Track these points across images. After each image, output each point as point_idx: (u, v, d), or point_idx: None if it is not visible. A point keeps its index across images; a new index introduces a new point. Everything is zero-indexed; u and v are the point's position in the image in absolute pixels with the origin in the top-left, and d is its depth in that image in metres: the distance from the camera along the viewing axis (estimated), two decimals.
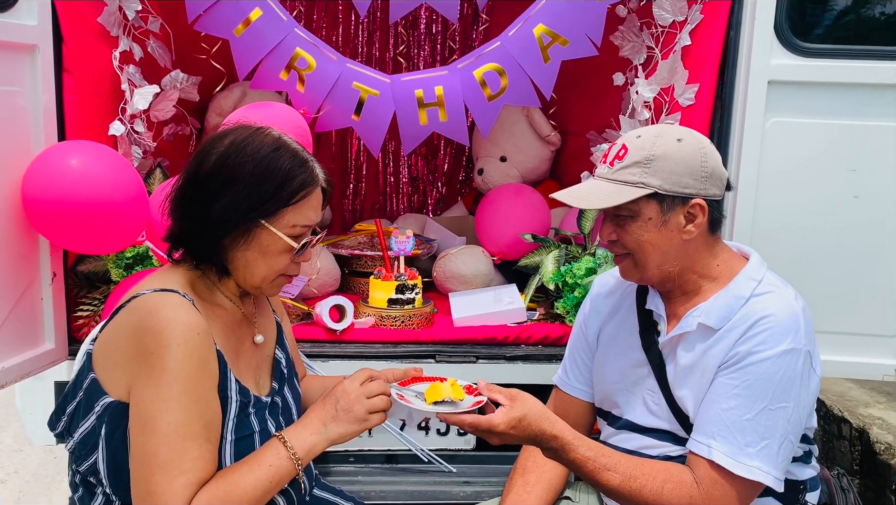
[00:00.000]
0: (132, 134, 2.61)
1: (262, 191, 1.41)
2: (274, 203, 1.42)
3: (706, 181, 1.55)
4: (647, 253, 1.57)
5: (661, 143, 1.54)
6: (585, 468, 1.50)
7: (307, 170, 1.46)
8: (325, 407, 1.47)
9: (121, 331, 1.39)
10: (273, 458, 1.41)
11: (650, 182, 1.52)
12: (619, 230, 1.59)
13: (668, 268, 1.59)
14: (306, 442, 1.44)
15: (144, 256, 2.51)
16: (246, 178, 1.40)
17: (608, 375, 1.76)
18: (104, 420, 1.39)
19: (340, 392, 1.46)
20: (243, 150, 1.42)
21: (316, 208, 1.49)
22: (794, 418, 1.50)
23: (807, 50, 2.47)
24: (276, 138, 1.47)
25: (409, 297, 2.70)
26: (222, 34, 2.68)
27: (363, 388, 1.47)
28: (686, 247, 1.58)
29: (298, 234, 1.47)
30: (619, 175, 1.55)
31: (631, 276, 1.65)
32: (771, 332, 1.49)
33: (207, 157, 1.43)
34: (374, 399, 1.47)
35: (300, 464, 1.42)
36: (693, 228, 1.56)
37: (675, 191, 1.53)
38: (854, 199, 2.54)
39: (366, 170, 4.11)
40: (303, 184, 1.44)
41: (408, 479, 2.53)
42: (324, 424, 1.45)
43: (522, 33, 2.67)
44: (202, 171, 1.43)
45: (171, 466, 1.30)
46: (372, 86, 2.72)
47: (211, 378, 1.39)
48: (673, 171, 1.53)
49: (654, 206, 1.54)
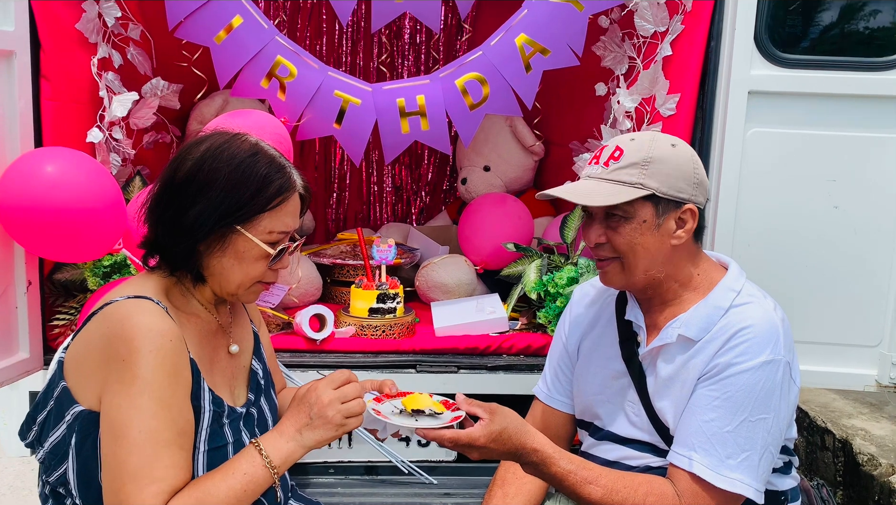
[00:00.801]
0: (110, 141, 2.59)
1: (238, 196, 1.39)
2: (250, 209, 1.40)
3: (697, 188, 1.55)
4: (637, 256, 1.55)
5: (657, 146, 1.54)
6: (567, 482, 1.48)
7: (284, 175, 1.44)
8: (299, 413, 1.43)
9: (92, 338, 1.36)
10: (248, 466, 1.37)
11: (648, 184, 1.51)
12: (609, 232, 1.56)
13: (654, 273, 1.58)
14: (282, 450, 1.40)
15: (122, 264, 2.49)
16: (221, 183, 1.38)
17: (589, 386, 1.75)
18: (75, 429, 1.37)
19: (314, 398, 1.42)
20: (219, 156, 1.40)
21: (293, 215, 1.47)
22: (774, 429, 1.49)
23: (786, 61, 2.49)
24: (252, 144, 1.45)
25: (390, 306, 2.68)
26: (203, 41, 2.66)
27: (338, 392, 1.42)
28: (673, 253, 1.57)
29: (275, 241, 1.45)
30: (615, 175, 1.54)
31: (615, 281, 1.62)
32: (750, 343, 1.49)
33: (183, 163, 1.41)
34: (350, 403, 1.42)
35: (276, 472, 1.39)
36: (683, 234, 1.55)
37: (671, 195, 1.53)
38: (834, 209, 2.55)
39: (349, 179, 4.10)
40: (280, 189, 1.42)
41: (388, 490, 2.51)
42: (299, 431, 1.41)
43: (504, 43, 2.67)
44: (177, 177, 1.41)
45: (142, 474, 1.28)
46: (353, 94, 2.71)
47: (184, 386, 1.36)
48: (669, 174, 1.52)
49: (650, 209, 1.53)
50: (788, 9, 2.59)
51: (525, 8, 2.67)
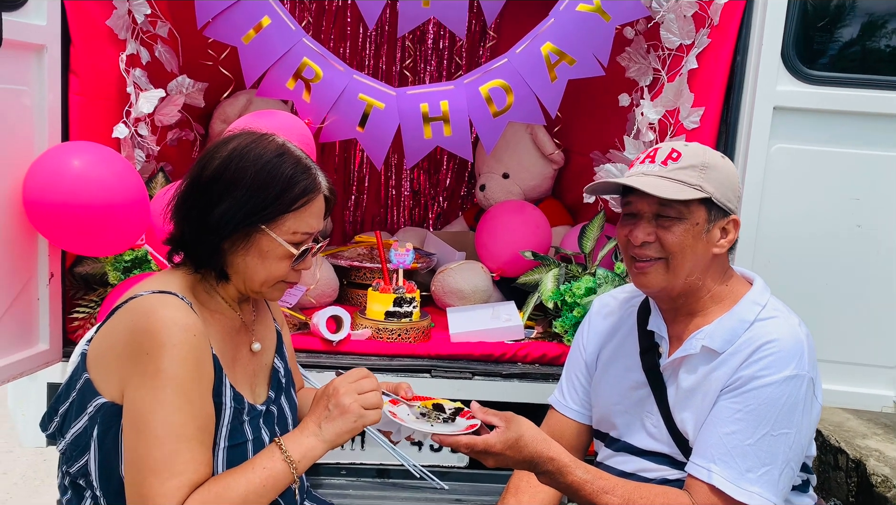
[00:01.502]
0: (136, 137, 2.61)
1: (264, 196, 1.40)
2: (275, 209, 1.41)
3: (739, 202, 1.59)
4: (685, 258, 1.55)
5: (711, 155, 1.57)
6: (583, 492, 1.47)
7: (309, 177, 1.45)
8: (318, 408, 1.44)
9: (117, 331, 1.38)
10: (267, 460, 1.38)
11: (706, 187, 1.53)
12: (660, 231, 1.56)
13: (694, 280, 1.58)
14: (302, 445, 1.41)
15: (143, 259, 2.50)
16: (247, 182, 1.40)
17: (607, 396, 1.75)
18: (97, 421, 1.38)
19: (332, 390, 1.43)
20: (246, 156, 1.42)
21: (318, 216, 1.48)
22: (796, 445, 1.49)
23: (813, 77, 2.48)
24: (279, 145, 1.47)
25: (406, 310, 2.68)
26: (231, 41, 2.68)
27: (354, 384, 1.43)
28: (712, 262, 1.58)
29: (299, 241, 1.46)
30: (676, 174, 1.54)
31: (656, 281, 1.59)
32: (775, 357, 1.49)
33: (210, 162, 1.43)
34: (367, 395, 1.43)
35: (295, 468, 1.39)
36: (725, 244, 1.57)
37: (723, 202, 1.55)
38: (857, 228, 2.53)
39: (368, 182, 4.12)
40: (304, 190, 1.44)
41: (399, 494, 2.50)
42: (318, 425, 1.42)
43: (530, 51, 2.68)
44: (204, 176, 1.42)
45: (163, 468, 1.29)
46: (378, 98, 2.72)
47: (206, 381, 1.38)
48: (723, 182, 1.55)
49: (703, 213, 1.54)
50: (816, 25, 2.57)
51: (552, 17, 2.68)
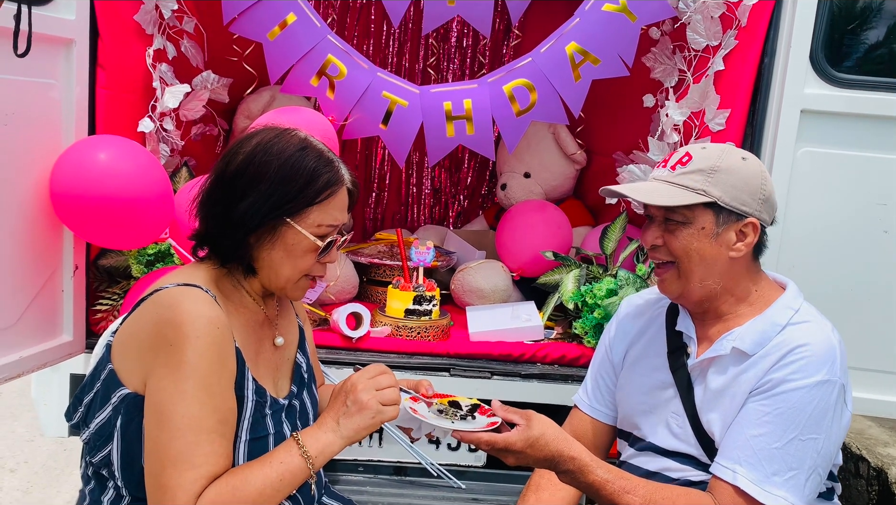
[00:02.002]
0: (161, 132, 2.63)
1: (288, 189, 1.42)
2: (299, 202, 1.43)
3: (762, 204, 1.55)
4: (693, 262, 1.55)
5: (727, 157, 1.55)
6: (604, 491, 1.47)
7: (333, 169, 1.46)
8: (336, 403, 1.45)
9: (142, 322, 1.39)
10: (284, 455, 1.39)
11: (711, 191, 1.52)
12: (667, 235, 1.57)
13: (711, 284, 1.57)
14: (320, 440, 1.41)
15: (166, 253, 2.52)
16: (271, 176, 1.41)
17: (632, 395, 1.75)
18: (120, 411, 1.40)
19: (350, 385, 1.44)
20: (269, 150, 1.43)
21: (342, 208, 1.49)
22: (824, 452, 1.48)
23: (841, 80, 2.45)
24: (302, 139, 1.48)
25: (426, 308, 2.68)
26: (256, 37, 2.69)
27: (372, 380, 1.44)
28: (731, 266, 1.57)
29: (324, 234, 1.47)
30: (680, 179, 1.55)
31: (671, 288, 1.61)
32: (807, 361, 1.48)
33: (234, 158, 1.45)
34: (386, 391, 1.43)
35: (312, 463, 1.40)
36: (743, 247, 1.55)
37: (733, 206, 1.53)
38: (884, 233, 2.50)
39: (389, 179, 4.12)
40: (328, 183, 1.45)
41: (416, 492, 2.51)
42: (336, 421, 1.43)
43: (554, 50, 2.67)
44: (229, 171, 1.44)
45: (182, 459, 1.30)
46: (401, 96, 2.72)
47: (228, 374, 1.39)
48: (734, 185, 1.53)
49: (710, 217, 1.54)
50: (845, 28, 2.54)
51: (577, 16, 2.66)
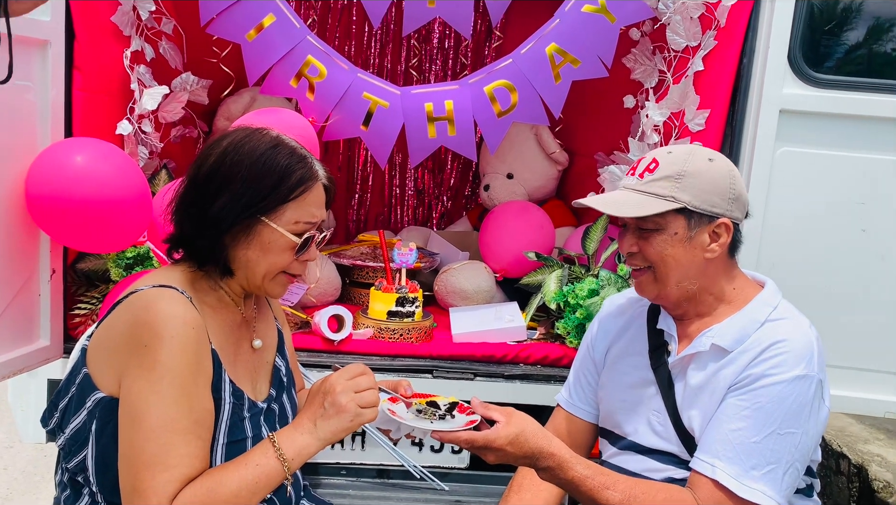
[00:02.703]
0: (139, 134, 2.60)
1: (261, 187, 1.40)
2: (273, 199, 1.41)
3: (732, 203, 1.56)
4: (668, 267, 1.57)
5: (693, 160, 1.55)
6: (584, 487, 1.47)
7: (306, 166, 1.45)
8: (313, 405, 1.42)
9: (116, 325, 1.37)
10: (260, 457, 1.37)
11: (680, 197, 1.53)
12: (641, 242, 1.58)
13: (687, 286, 1.58)
14: (296, 442, 1.39)
15: (145, 256, 2.50)
16: (244, 175, 1.40)
17: (613, 393, 1.75)
18: (95, 416, 1.38)
19: (328, 387, 1.41)
20: (241, 150, 1.42)
21: (318, 205, 1.48)
22: (802, 446, 1.48)
23: (819, 81, 2.47)
24: (273, 137, 1.47)
25: (409, 310, 2.67)
26: (234, 38, 2.68)
27: (351, 382, 1.41)
28: (707, 266, 1.58)
29: (301, 231, 1.46)
30: (649, 187, 1.55)
31: (649, 291, 1.63)
32: (785, 356, 1.49)
33: (206, 160, 1.44)
34: (364, 393, 1.41)
35: (288, 466, 1.37)
36: (717, 248, 1.56)
37: (704, 209, 1.54)
38: (861, 232, 2.52)
39: (371, 181, 4.10)
40: (301, 179, 1.43)
41: (399, 495, 2.50)
42: (313, 423, 1.40)
43: (535, 51, 2.67)
44: (201, 173, 1.43)
45: (156, 461, 1.28)
46: (382, 97, 2.72)
47: (204, 375, 1.37)
48: (703, 188, 1.53)
49: (682, 222, 1.54)
50: (823, 28, 2.56)
51: (557, 17, 2.67)
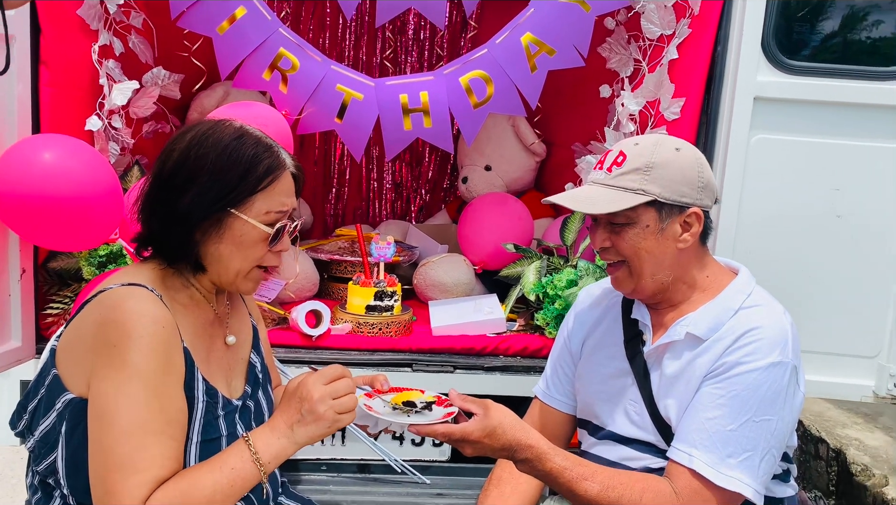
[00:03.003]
0: (109, 130, 2.56)
1: (228, 179, 1.37)
2: (242, 190, 1.38)
3: (701, 191, 1.55)
4: (642, 260, 1.56)
5: (660, 150, 1.54)
6: (562, 478, 1.46)
7: (272, 154, 1.42)
8: (290, 409, 1.39)
9: (85, 325, 1.35)
10: (236, 460, 1.34)
11: (650, 189, 1.51)
12: (613, 237, 1.57)
13: (662, 277, 1.58)
14: (273, 446, 1.37)
15: (118, 254, 2.46)
16: (209, 168, 1.37)
17: (590, 384, 1.74)
18: (65, 417, 1.35)
19: (305, 393, 1.37)
20: (205, 143, 1.39)
21: (288, 193, 1.45)
22: (778, 432, 1.49)
23: (793, 67, 2.48)
24: (237, 128, 1.44)
25: (387, 304, 2.66)
26: (205, 31, 2.64)
27: (329, 388, 1.38)
28: (679, 256, 1.57)
29: (273, 221, 1.43)
30: (617, 181, 1.54)
31: (625, 286, 1.62)
32: (759, 344, 1.48)
33: (170, 155, 1.40)
34: (342, 400, 1.38)
35: (264, 470, 1.35)
36: (689, 237, 1.55)
37: (674, 199, 1.52)
38: (837, 218, 2.54)
39: (349, 174, 4.07)
40: (269, 169, 1.40)
41: (380, 489, 2.49)
42: (290, 428, 1.38)
43: (510, 41, 2.65)
44: (166, 169, 1.40)
45: (127, 463, 1.26)
46: (356, 89, 2.69)
47: (176, 374, 1.34)
48: (672, 179, 1.52)
49: (653, 214, 1.53)
50: (796, 16, 2.57)
51: (531, 7, 2.65)
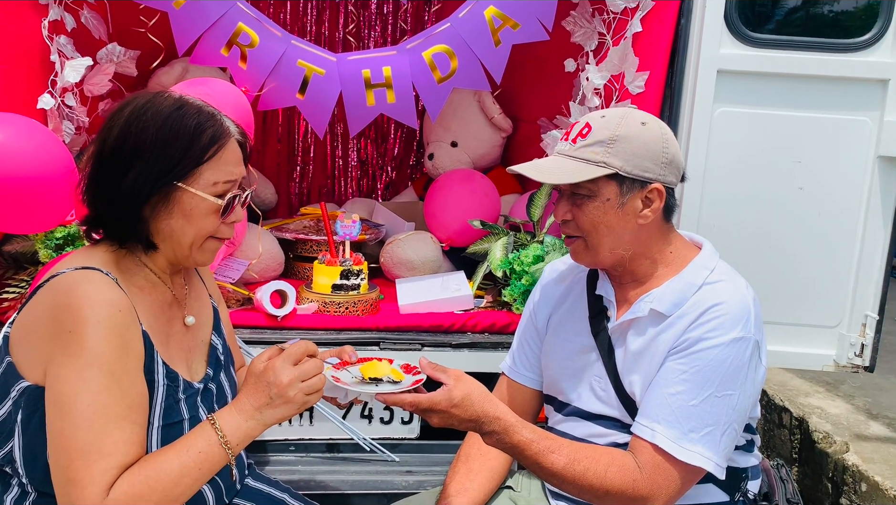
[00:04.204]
0: (63, 108, 2.48)
1: (171, 152, 1.34)
2: (187, 162, 1.35)
3: (665, 167, 1.54)
4: (601, 235, 1.55)
5: (626, 124, 1.53)
6: (529, 451, 1.47)
7: (216, 123, 1.39)
8: (257, 392, 1.36)
9: (38, 311, 1.32)
10: (203, 443, 1.32)
11: (612, 162, 1.51)
12: (574, 209, 1.57)
13: (621, 252, 1.58)
14: (240, 428, 1.34)
15: (75, 236, 2.40)
16: (151, 142, 1.34)
17: (555, 360, 1.75)
18: (20, 405, 1.32)
19: (272, 377, 1.34)
20: (144, 116, 1.36)
21: (236, 162, 1.42)
22: (739, 406, 1.50)
23: (756, 40, 2.48)
24: (176, 98, 1.40)
25: (353, 283, 2.63)
26: (161, 6, 2.56)
27: (298, 371, 1.35)
28: (640, 232, 1.57)
29: (223, 192, 1.40)
30: (580, 153, 1.53)
31: (582, 258, 1.63)
32: (722, 319, 1.49)
33: (109, 132, 1.36)
34: (311, 381, 1.36)
35: (231, 452, 1.33)
36: (650, 213, 1.55)
37: (636, 174, 1.52)
38: (799, 190, 2.56)
39: (313, 152, 4.02)
40: (213, 138, 1.37)
41: (349, 468, 2.48)
42: (258, 410, 1.35)
43: (473, 15, 2.62)
44: (107, 147, 1.36)
45: (90, 450, 1.23)
46: (317, 64, 2.64)
47: (135, 358, 1.32)
48: (635, 153, 1.52)
49: (614, 188, 1.53)
50: None
51: None
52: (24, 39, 2.36)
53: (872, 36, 2.49)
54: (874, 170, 2.54)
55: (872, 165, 2.54)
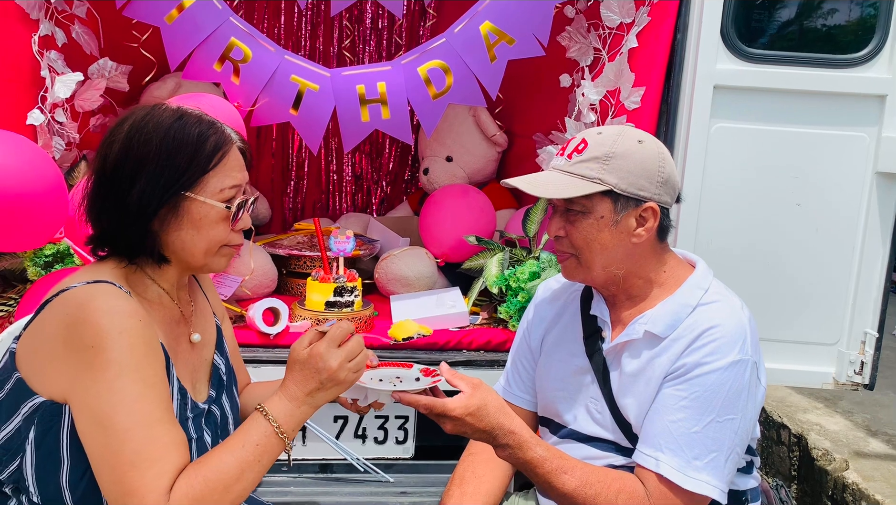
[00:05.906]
0: (53, 124, 2.46)
1: (177, 162, 1.33)
2: (193, 172, 1.34)
3: (661, 187, 1.53)
4: (593, 252, 1.54)
5: (622, 141, 1.52)
6: (542, 469, 1.45)
7: (217, 131, 1.39)
8: (306, 379, 1.36)
9: (50, 327, 1.29)
10: (258, 436, 1.32)
11: (607, 179, 1.49)
12: (568, 226, 1.55)
13: (614, 270, 1.56)
14: (294, 415, 1.35)
15: (65, 253, 2.37)
16: (155, 154, 1.32)
17: (550, 381, 1.72)
18: (33, 422, 1.29)
19: (322, 364, 1.34)
20: (145, 128, 1.34)
21: (240, 168, 1.42)
22: (741, 430, 1.48)
23: (752, 55, 2.47)
24: (175, 109, 1.40)
25: (347, 299, 2.60)
26: (153, 21, 2.54)
27: (344, 351, 1.36)
28: (634, 251, 1.55)
29: (229, 198, 1.39)
30: (576, 168, 1.52)
31: (574, 275, 1.61)
32: (718, 343, 1.47)
33: (110, 148, 1.35)
34: (357, 359, 1.37)
35: (287, 438, 1.34)
36: (643, 232, 1.53)
37: (630, 192, 1.50)
38: (796, 206, 2.54)
39: (307, 167, 3.99)
40: (217, 145, 1.37)
41: (343, 489, 2.45)
42: (310, 396, 1.36)
43: (468, 30, 2.60)
44: (109, 163, 1.34)
45: (139, 459, 1.22)
46: (311, 79, 2.62)
47: (159, 362, 1.31)
48: (630, 171, 1.50)
49: (608, 205, 1.51)
50: (755, 3, 2.57)
51: None
52: (13, 54, 2.34)
53: (870, 51, 2.49)
54: (872, 186, 2.53)
55: (870, 181, 2.53)
